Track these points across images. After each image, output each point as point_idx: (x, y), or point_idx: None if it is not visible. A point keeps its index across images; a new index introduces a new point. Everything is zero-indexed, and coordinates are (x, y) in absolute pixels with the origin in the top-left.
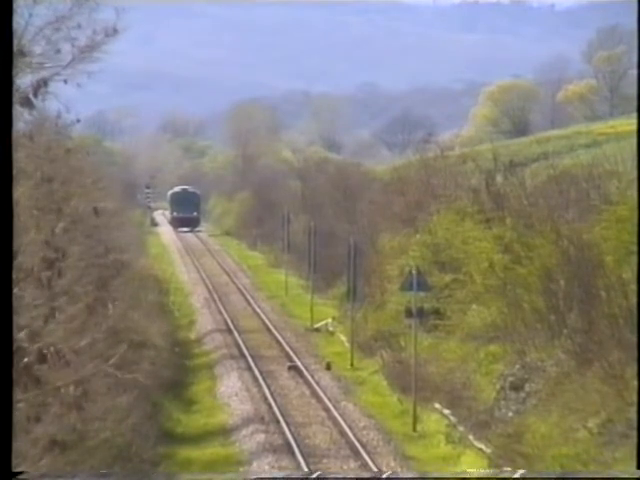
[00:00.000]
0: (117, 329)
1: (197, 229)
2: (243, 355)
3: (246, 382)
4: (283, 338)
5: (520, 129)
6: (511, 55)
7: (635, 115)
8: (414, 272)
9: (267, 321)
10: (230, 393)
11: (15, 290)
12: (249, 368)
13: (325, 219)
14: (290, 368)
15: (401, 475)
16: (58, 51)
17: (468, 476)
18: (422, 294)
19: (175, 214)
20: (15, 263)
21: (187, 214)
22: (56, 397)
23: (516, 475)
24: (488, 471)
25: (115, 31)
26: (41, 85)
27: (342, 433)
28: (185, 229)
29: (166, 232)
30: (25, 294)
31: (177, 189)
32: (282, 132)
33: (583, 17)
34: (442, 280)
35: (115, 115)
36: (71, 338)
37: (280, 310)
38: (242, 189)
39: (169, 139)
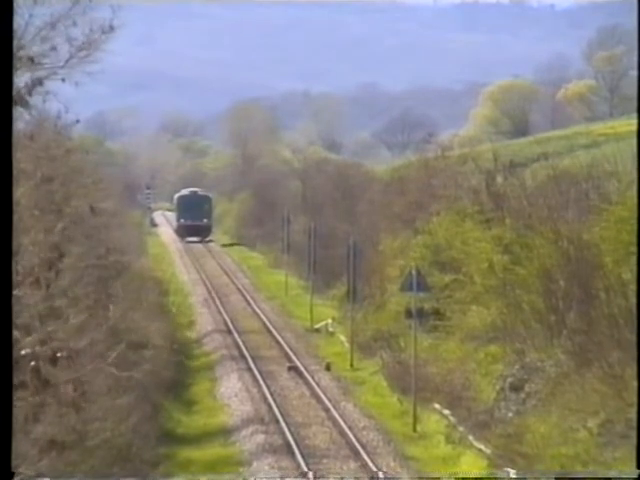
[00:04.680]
0: (117, 330)
1: (208, 239)
2: (243, 356)
3: (246, 383)
4: (283, 339)
5: (520, 129)
6: (511, 55)
7: (635, 116)
8: (414, 273)
9: (267, 322)
10: (230, 394)
11: (15, 291)
12: (249, 369)
13: (325, 220)
14: (290, 369)
15: (398, 476)
16: (54, 48)
17: (468, 476)
18: (422, 295)
19: (182, 221)
20: (15, 264)
21: (196, 221)
22: (56, 397)
23: (515, 475)
24: (488, 471)
25: (112, 28)
26: (36, 84)
27: (342, 433)
28: (194, 239)
29: (165, 232)
30: (25, 295)
31: (185, 192)
32: (282, 132)
33: (583, 17)
34: (442, 281)
35: (115, 115)
36: (71, 339)
37: (280, 311)
38: (242, 189)
39: (169, 139)
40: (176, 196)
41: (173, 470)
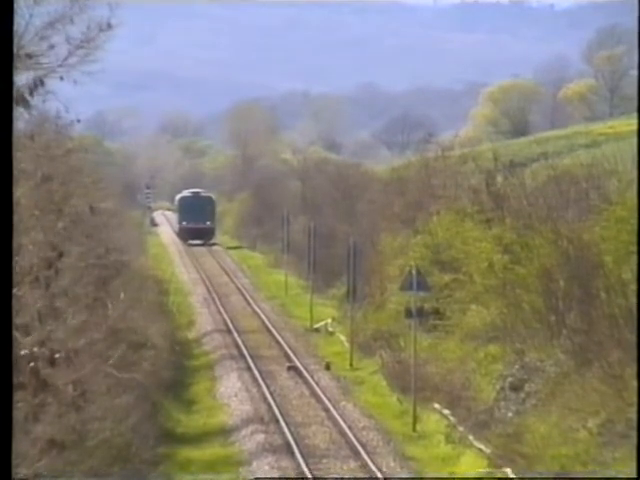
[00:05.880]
0: (117, 329)
1: (212, 241)
2: (243, 355)
3: (246, 382)
4: (283, 338)
5: (520, 129)
6: (511, 55)
7: (635, 115)
8: (414, 272)
9: (267, 321)
10: (230, 393)
11: (15, 290)
12: (249, 368)
13: (325, 219)
14: (289, 368)
15: (398, 476)
16: (52, 46)
17: (468, 476)
18: (422, 294)
19: (184, 223)
20: (15, 263)
21: (199, 224)
22: (56, 397)
23: (515, 475)
24: (488, 471)
25: (109, 26)
26: (38, 84)
27: (342, 433)
28: (197, 242)
29: (165, 232)
30: (25, 294)
31: (186, 193)
32: (282, 132)
33: (583, 17)
34: (442, 280)
35: (115, 115)
36: (70, 338)
37: (280, 310)
38: (242, 189)
39: (169, 139)
40: (177, 197)
41: (173, 470)
